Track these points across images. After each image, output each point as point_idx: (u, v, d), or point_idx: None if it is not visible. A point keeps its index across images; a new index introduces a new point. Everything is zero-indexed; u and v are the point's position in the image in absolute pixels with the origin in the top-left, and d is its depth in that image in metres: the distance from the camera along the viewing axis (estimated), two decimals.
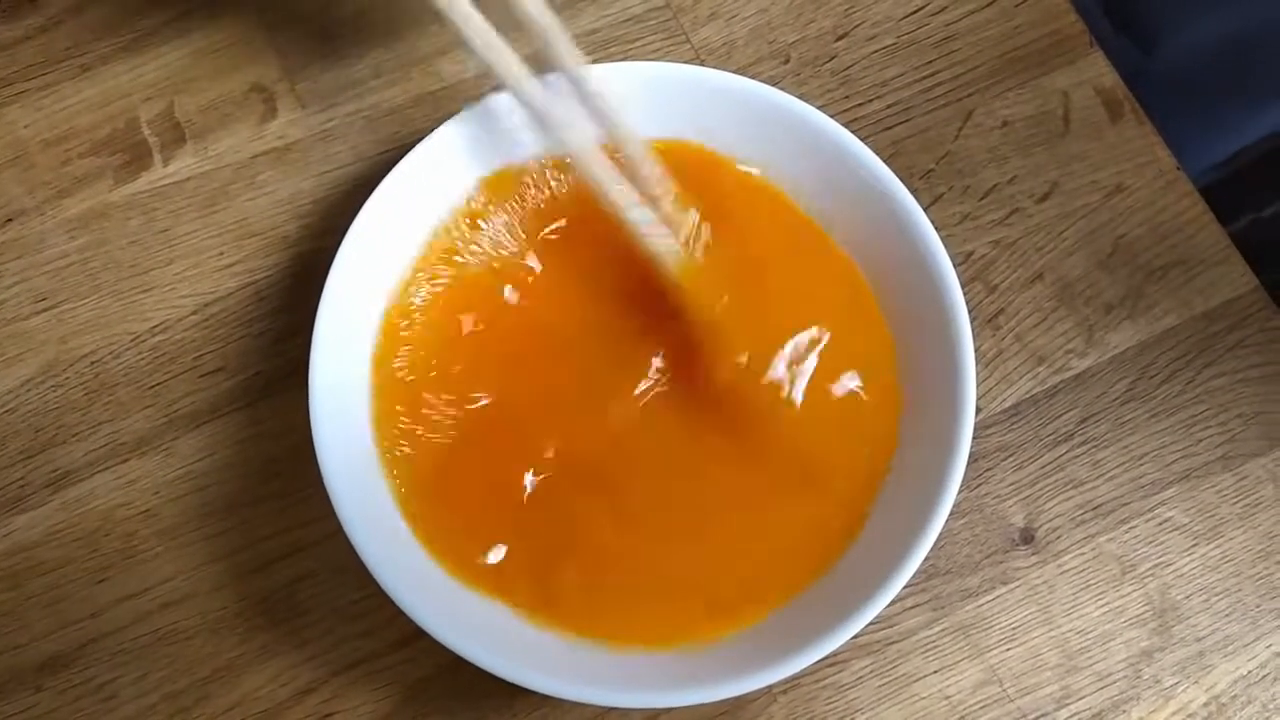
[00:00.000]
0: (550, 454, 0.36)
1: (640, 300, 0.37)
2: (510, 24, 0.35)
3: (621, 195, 0.36)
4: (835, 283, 0.38)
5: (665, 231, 0.36)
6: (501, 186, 0.38)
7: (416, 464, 0.36)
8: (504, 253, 0.38)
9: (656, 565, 0.36)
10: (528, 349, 0.38)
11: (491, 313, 0.38)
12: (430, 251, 0.38)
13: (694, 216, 0.37)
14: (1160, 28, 0.57)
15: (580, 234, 0.38)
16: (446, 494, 0.36)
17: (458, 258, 0.38)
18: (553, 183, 0.39)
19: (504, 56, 0.35)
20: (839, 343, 0.37)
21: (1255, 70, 0.58)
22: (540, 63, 0.36)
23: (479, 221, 0.38)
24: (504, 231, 0.38)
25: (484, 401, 0.37)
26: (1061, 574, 0.39)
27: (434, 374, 0.37)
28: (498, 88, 0.36)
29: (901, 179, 0.37)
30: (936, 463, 0.34)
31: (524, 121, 0.37)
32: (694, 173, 0.38)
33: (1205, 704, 0.38)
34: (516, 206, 0.38)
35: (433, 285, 0.38)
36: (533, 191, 0.38)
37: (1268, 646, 0.38)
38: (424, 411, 0.37)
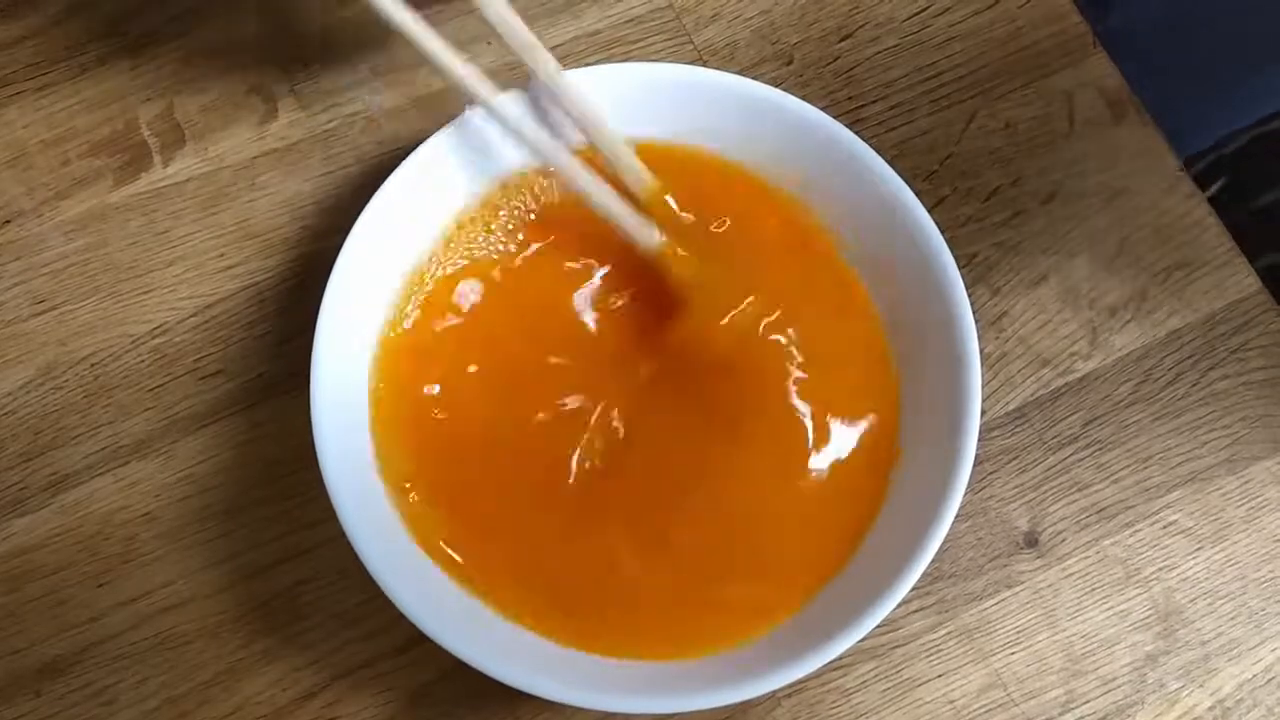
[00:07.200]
0: (552, 458, 0.36)
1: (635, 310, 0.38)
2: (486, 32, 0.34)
3: (603, 196, 0.36)
4: (834, 286, 0.38)
5: (648, 224, 0.36)
6: (506, 189, 0.38)
7: (419, 467, 0.36)
8: (505, 254, 0.38)
9: (662, 575, 0.35)
10: (529, 349, 0.37)
11: (494, 310, 0.38)
12: (433, 254, 0.37)
13: (679, 210, 0.37)
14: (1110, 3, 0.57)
15: (576, 237, 0.38)
16: (449, 497, 0.36)
17: (461, 260, 0.38)
18: (556, 189, 0.38)
19: (468, 74, 0.35)
20: (837, 346, 0.37)
21: (1210, 64, 0.57)
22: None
23: (482, 224, 0.38)
24: (506, 233, 0.38)
25: (484, 403, 0.37)
26: (1066, 578, 0.39)
27: (436, 376, 0.37)
28: (470, 102, 0.36)
29: (905, 181, 0.37)
30: (941, 467, 0.34)
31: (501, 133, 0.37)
32: (694, 176, 0.38)
33: (1210, 708, 0.38)
34: (519, 208, 0.38)
35: (435, 287, 0.37)
36: (535, 194, 0.38)
37: (1273, 650, 0.38)
38: (426, 414, 0.36)
